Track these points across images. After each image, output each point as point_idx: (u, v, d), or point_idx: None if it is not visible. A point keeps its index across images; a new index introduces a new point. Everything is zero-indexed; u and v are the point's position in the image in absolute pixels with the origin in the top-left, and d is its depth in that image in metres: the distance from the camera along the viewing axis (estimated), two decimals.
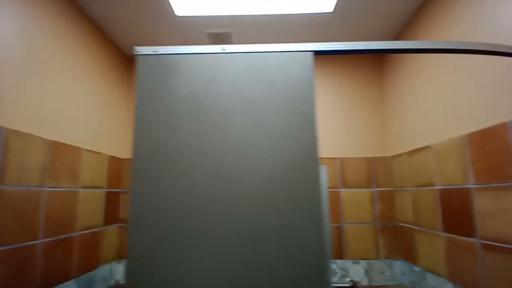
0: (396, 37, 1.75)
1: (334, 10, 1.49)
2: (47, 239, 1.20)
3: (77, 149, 1.41)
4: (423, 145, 1.45)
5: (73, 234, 1.37)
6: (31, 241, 1.11)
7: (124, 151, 1.86)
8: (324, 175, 0.62)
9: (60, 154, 1.28)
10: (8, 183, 1.01)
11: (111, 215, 1.70)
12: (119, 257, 1.76)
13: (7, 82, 1.03)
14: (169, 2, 1.41)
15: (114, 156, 1.74)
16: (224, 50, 0.63)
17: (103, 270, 1.60)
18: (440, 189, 1.31)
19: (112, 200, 1.71)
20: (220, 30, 1.63)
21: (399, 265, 1.72)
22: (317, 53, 0.65)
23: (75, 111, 1.40)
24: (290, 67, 0.63)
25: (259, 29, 1.65)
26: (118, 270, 1.74)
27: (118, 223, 1.79)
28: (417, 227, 1.52)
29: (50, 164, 1.23)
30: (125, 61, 1.93)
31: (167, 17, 1.53)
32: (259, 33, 1.70)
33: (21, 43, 1.10)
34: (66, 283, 1.30)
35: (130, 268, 0.60)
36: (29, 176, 1.11)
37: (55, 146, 1.25)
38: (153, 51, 0.63)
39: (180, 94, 0.64)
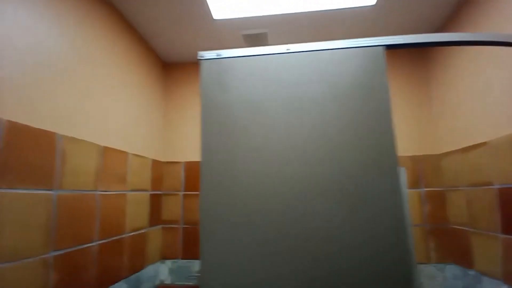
0: (439, 30, 1.65)
1: (376, 2, 1.42)
2: (101, 241, 1.25)
3: (125, 154, 1.46)
4: (478, 142, 1.35)
5: (123, 236, 1.42)
6: (87, 243, 1.16)
7: (163, 155, 1.91)
8: (404, 177, 0.58)
9: (110, 159, 1.34)
10: (65, 188, 1.06)
11: (155, 216, 1.75)
12: (162, 257, 1.81)
13: (61, 92, 1.08)
14: (208, 6, 1.42)
15: (155, 160, 1.79)
16: (288, 50, 0.61)
17: (149, 270, 1.65)
18: (499, 189, 1.21)
19: (155, 202, 1.76)
20: (255, 31, 1.62)
21: (451, 270, 1.61)
22: (389, 47, 0.61)
23: (120, 117, 1.45)
24: (359, 64, 0.60)
25: (297, 27, 1.62)
26: (162, 270, 1.79)
27: (161, 224, 1.83)
28: (472, 229, 1.41)
29: (102, 169, 1.28)
30: (161, 67, 1.98)
31: (205, 21, 1.54)
32: (296, 31, 1.67)
33: (71, 54, 1.15)
34: (117, 283, 1.35)
35: (203, 270, 0.60)
36: (85, 181, 1.17)
37: (106, 152, 1.31)
38: (217, 55, 0.62)
39: (243, 97, 0.63)
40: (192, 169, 1.88)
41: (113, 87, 1.39)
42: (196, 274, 1.75)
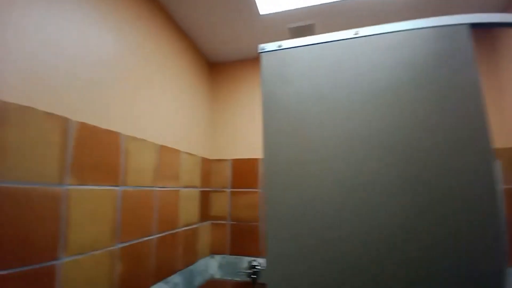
0: (505, 10, 1.41)
1: None
2: (159, 235, 1.31)
3: (178, 152, 1.52)
4: None
5: (177, 230, 1.48)
6: (147, 236, 1.23)
7: (211, 153, 1.95)
8: (498, 172, 0.49)
9: (165, 157, 1.40)
10: (129, 184, 1.13)
11: (204, 212, 1.80)
12: (211, 252, 1.85)
13: (122, 94, 1.15)
14: (255, 1, 1.40)
15: (204, 158, 1.84)
16: (357, 34, 0.56)
17: (200, 264, 1.70)
18: None
19: (204, 199, 1.81)
20: (302, 23, 1.56)
21: None
22: (475, 26, 0.52)
23: (173, 117, 1.50)
24: (440, 45, 0.52)
25: (347, 16, 1.53)
26: (212, 265, 1.83)
27: (210, 220, 1.88)
28: None
29: (159, 167, 1.34)
30: (208, 67, 2.02)
31: (251, 17, 1.53)
32: (347, 20, 1.57)
33: (128, 58, 1.22)
34: (173, 275, 1.41)
35: (268, 267, 0.59)
36: (145, 178, 1.23)
37: (162, 150, 1.37)
38: (278, 46, 0.59)
39: (308, 89, 0.59)
40: (238, 166, 1.89)
41: (166, 89, 1.45)
42: (245, 271, 1.76)
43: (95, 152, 0.98)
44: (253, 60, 2.01)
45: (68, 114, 0.89)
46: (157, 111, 1.36)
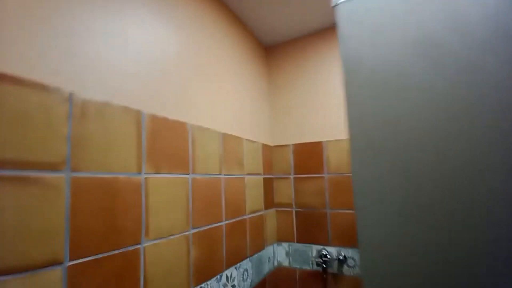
0: None
1: None
2: (228, 221, 1.33)
3: (240, 139, 1.51)
4: None
5: (245, 217, 1.48)
6: (217, 223, 1.25)
7: (271, 139, 1.90)
8: None
9: (229, 145, 1.40)
10: (197, 172, 1.15)
11: (268, 200, 1.78)
12: (278, 240, 1.83)
13: (186, 85, 1.17)
14: None
15: (265, 144, 1.81)
16: None
17: (267, 251, 1.70)
18: None
19: (268, 186, 1.79)
20: None
21: None
22: None
23: (234, 105, 1.49)
24: None
25: None
26: (280, 253, 1.82)
27: (275, 207, 1.86)
28: None
29: (223, 154, 1.35)
30: (263, 51, 1.96)
31: None
32: None
33: (188, 48, 1.22)
34: (243, 261, 1.43)
35: (362, 257, 0.51)
36: (211, 165, 1.25)
37: (225, 138, 1.37)
38: None
39: (397, 45, 0.47)
40: (300, 151, 1.81)
41: (225, 78, 1.44)
42: (315, 259, 1.69)
43: (166, 141, 1.01)
44: (307, 37, 1.87)
45: (140, 107, 0.93)
46: (218, 100, 1.36)
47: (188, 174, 1.10)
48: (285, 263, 1.79)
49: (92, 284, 0.74)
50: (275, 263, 1.79)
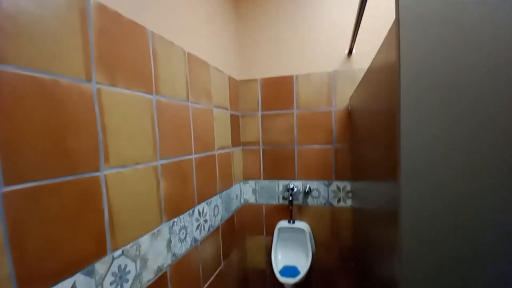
0: None
1: None
2: (198, 155, 1.21)
3: (206, 65, 1.31)
4: None
5: (214, 153, 1.37)
6: (186, 155, 1.12)
7: (238, 73, 1.73)
8: None
9: (196, 70, 1.20)
10: (163, 94, 0.96)
11: (235, 137, 1.68)
12: (245, 177, 1.80)
13: None
14: None
15: (231, 77, 1.64)
16: None
17: (235, 189, 1.65)
18: None
19: (234, 123, 1.67)
20: None
21: None
22: None
23: (200, 23, 1.25)
24: None
25: None
26: (246, 190, 1.79)
27: (241, 146, 1.78)
28: None
29: (190, 78, 1.16)
30: None
31: None
32: None
33: None
34: (214, 197, 1.36)
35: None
36: (178, 89, 1.06)
37: (190, 59, 1.17)
38: None
39: None
40: (269, 86, 1.70)
41: None
42: (281, 194, 1.72)
43: (121, 46, 0.78)
44: None
45: None
46: (184, 13, 1.12)
47: (151, 94, 0.91)
48: (252, 200, 1.79)
49: (41, 215, 0.57)
50: (242, 201, 1.78)
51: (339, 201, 1.63)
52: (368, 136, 1.00)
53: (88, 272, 0.67)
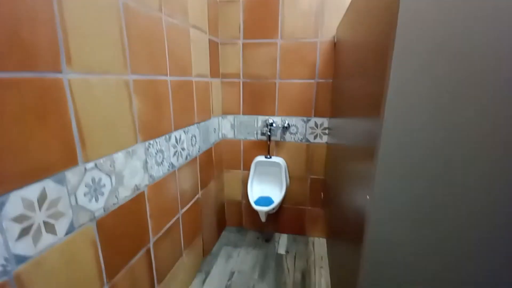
0: None
1: None
2: (174, 78, 1.12)
3: None
4: None
5: (191, 79, 1.29)
6: (161, 75, 1.03)
7: None
8: None
9: None
10: None
11: (214, 67, 1.58)
12: (224, 112, 1.75)
13: None
14: None
15: None
16: None
17: (213, 122, 1.62)
18: None
19: (213, 51, 1.55)
20: None
21: None
22: None
23: None
24: None
25: None
26: (225, 125, 1.77)
27: (221, 78, 1.69)
28: None
29: None
30: None
31: None
32: None
33: None
34: (191, 126, 1.32)
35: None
36: None
37: None
38: None
39: None
40: (252, 8, 1.55)
41: None
42: (259, 130, 1.72)
43: None
44: None
45: None
46: None
47: None
48: (230, 135, 1.78)
49: None
50: (220, 136, 1.76)
51: (315, 137, 1.67)
52: (353, 70, 0.96)
53: (58, 180, 0.64)
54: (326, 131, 1.65)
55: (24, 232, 0.57)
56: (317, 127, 1.65)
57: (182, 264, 1.32)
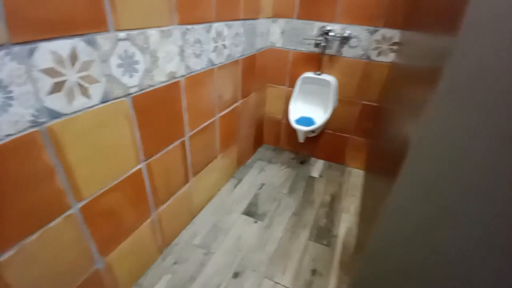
0: None
1: None
2: None
3: None
4: None
5: None
6: None
7: None
8: None
9: None
10: None
11: None
12: (274, 15, 1.53)
13: None
14: None
15: None
16: None
17: (261, 24, 1.43)
18: None
19: None
20: None
21: None
22: None
23: None
24: None
25: None
26: (274, 30, 1.57)
27: None
28: None
29: None
30: None
31: None
32: None
33: None
34: (236, 22, 1.17)
35: None
36: None
37: None
38: None
39: None
40: None
41: None
42: (313, 38, 1.49)
43: None
44: None
45: None
46: None
47: None
48: (278, 43, 1.60)
49: None
50: (268, 43, 1.59)
51: (379, 54, 1.41)
52: None
53: (89, 41, 0.60)
54: (395, 47, 1.36)
55: (56, 88, 0.56)
56: (384, 41, 1.37)
57: (217, 166, 1.37)
